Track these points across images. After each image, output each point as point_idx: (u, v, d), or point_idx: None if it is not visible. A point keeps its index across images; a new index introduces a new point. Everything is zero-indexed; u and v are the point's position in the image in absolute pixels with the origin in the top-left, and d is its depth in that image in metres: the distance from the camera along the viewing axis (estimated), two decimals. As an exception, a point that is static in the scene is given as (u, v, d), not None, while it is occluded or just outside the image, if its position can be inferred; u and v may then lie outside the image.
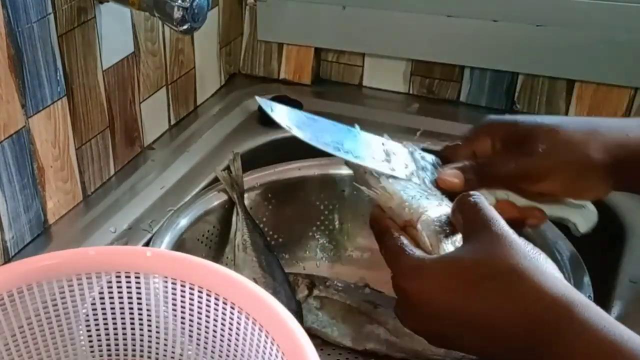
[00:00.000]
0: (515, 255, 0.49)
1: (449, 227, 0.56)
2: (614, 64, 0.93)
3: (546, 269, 0.49)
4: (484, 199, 0.54)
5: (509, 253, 0.49)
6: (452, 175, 0.62)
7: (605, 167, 0.60)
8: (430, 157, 0.66)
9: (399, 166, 0.63)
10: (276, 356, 0.49)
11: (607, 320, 0.46)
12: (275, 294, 0.74)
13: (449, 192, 0.61)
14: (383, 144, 0.66)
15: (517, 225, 0.62)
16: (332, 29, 1.04)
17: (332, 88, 1.09)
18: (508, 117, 0.66)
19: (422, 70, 1.04)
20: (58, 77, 0.73)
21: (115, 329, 0.58)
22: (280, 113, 0.65)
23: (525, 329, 0.47)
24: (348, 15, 1.02)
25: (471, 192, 0.54)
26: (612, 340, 0.44)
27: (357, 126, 0.67)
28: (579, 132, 0.61)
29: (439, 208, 0.57)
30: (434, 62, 1.02)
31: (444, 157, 0.66)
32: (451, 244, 0.55)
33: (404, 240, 0.55)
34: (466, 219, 0.53)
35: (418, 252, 0.53)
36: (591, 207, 0.67)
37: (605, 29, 0.91)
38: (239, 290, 0.52)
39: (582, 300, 0.47)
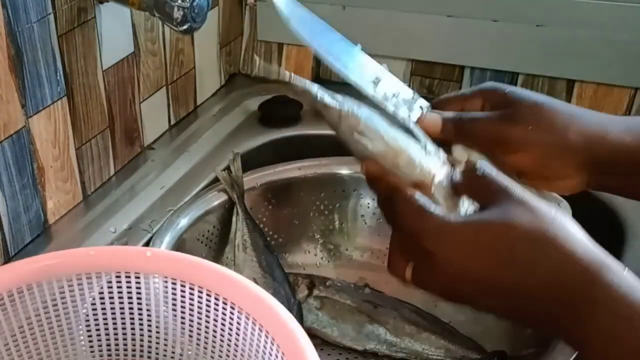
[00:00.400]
0: (544, 221, 0.48)
1: (457, 191, 0.54)
2: (614, 64, 0.93)
3: (575, 233, 0.48)
4: (490, 167, 0.52)
5: (538, 219, 0.48)
6: (431, 119, 0.62)
7: (580, 154, 0.60)
8: (422, 101, 0.65)
9: (382, 92, 0.61)
10: (276, 356, 0.49)
11: (634, 284, 0.45)
12: (275, 294, 0.74)
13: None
14: (378, 72, 0.64)
15: None
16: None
17: (332, 88, 1.08)
18: (505, 85, 0.65)
19: (422, 70, 1.04)
20: (58, 77, 0.73)
21: (115, 329, 0.58)
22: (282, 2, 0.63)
23: (555, 294, 0.46)
24: (348, 15, 1.02)
25: (476, 165, 0.53)
26: (638, 305, 0.44)
27: (359, 45, 0.65)
28: (563, 114, 0.61)
29: (444, 169, 0.55)
30: (434, 62, 1.02)
31: (434, 105, 0.66)
32: (467, 207, 0.53)
33: (423, 198, 0.52)
34: (479, 191, 0.52)
35: (440, 211, 0.51)
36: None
37: (605, 29, 0.91)
38: (239, 290, 0.52)
39: (611, 265, 0.46)
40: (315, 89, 0.61)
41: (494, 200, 0.50)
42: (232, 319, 0.53)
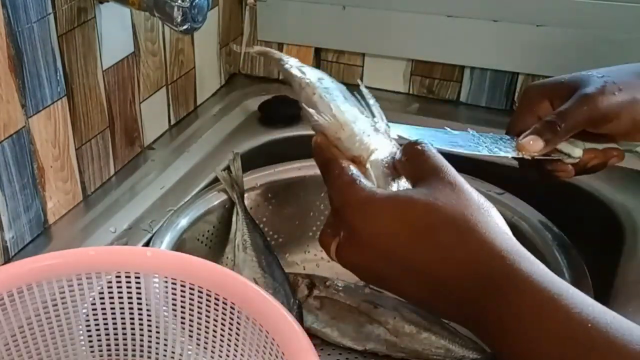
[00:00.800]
0: (469, 206, 0.47)
1: (396, 170, 0.54)
2: (614, 64, 0.92)
3: (497, 223, 0.48)
4: (432, 147, 0.52)
5: (463, 203, 0.48)
6: (531, 139, 0.63)
7: None
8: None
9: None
10: (276, 356, 0.49)
11: (550, 277, 0.45)
12: (275, 294, 0.74)
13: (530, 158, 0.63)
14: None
15: (599, 166, 0.67)
16: (332, 29, 1.04)
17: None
18: (549, 79, 0.68)
19: (422, 70, 1.04)
20: (58, 77, 0.73)
21: (115, 329, 0.58)
22: None
23: (470, 281, 0.46)
24: (348, 15, 1.02)
25: (418, 140, 0.52)
26: (553, 295, 0.43)
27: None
28: (627, 73, 0.65)
29: (388, 148, 0.55)
30: (434, 62, 1.02)
31: (514, 133, 0.67)
32: (397, 187, 0.53)
33: (355, 171, 0.52)
34: (415, 166, 0.51)
35: (369, 185, 0.51)
36: None
37: (605, 29, 0.91)
38: (239, 290, 0.52)
39: (529, 258, 0.46)
40: (288, 59, 0.63)
41: (425, 178, 0.50)
42: (232, 319, 0.53)
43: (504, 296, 0.44)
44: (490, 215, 0.48)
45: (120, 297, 0.56)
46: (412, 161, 0.52)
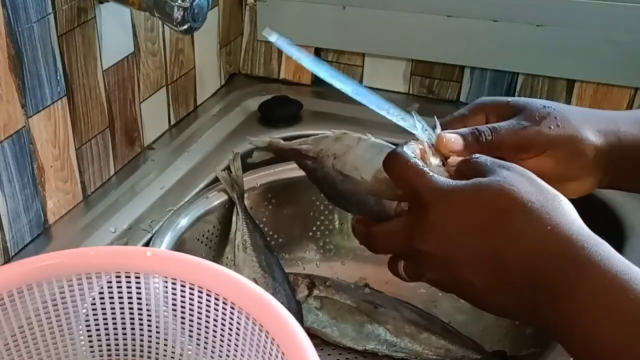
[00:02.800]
0: (541, 192, 0.48)
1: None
2: (614, 64, 0.93)
3: (569, 211, 0.48)
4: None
5: (535, 189, 0.48)
6: (452, 137, 0.61)
7: (598, 152, 0.60)
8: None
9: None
10: (276, 356, 0.49)
11: (619, 262, 0.45)
12: (275, 294, 0.74)
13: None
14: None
15: None
16: (332, 29, 1.04)
17: (332, 88, 1.08)
18: (501, 97, 0.66)
19: (422, 70, 1.04)
20: (58, 77, 0.73)
21: (115, 329, 0.58)
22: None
23: (539, 265, 0.46)
24: (348, 15, 1.02)
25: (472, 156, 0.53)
26: (621, 280, 0.44)
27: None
28: (575, 113, 0.62)
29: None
30: (434, 62, 1.03)
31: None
32: None
33: (421, 163, 0.53)
34: (476, 168, 0.52)
35: (441, 177, 0.51)
36: None
37: (605, 29, 0.91)
38: (239, 290, 0.52)
39: (599, 243, 0.46)
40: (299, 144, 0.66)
41: (494, 171, 0.50)
42: (232, 319, 0.53)
43: (572, 281, 0.45)
44: (561, 202, 0.49)
45: (120, 297, 0.56)
46: (473, 167, 0.53)
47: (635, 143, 0.61)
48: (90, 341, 0.58)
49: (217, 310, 0.54)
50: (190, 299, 0.55)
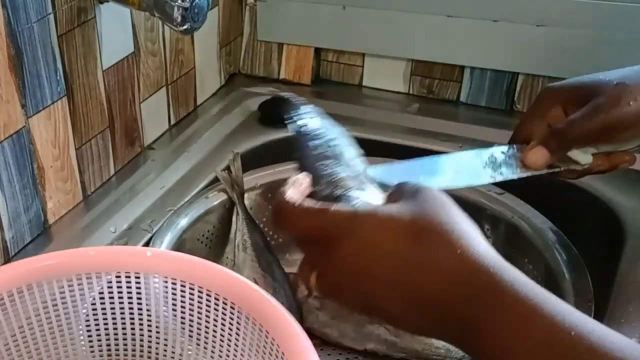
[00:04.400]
0: (453, 217, 0.47)
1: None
2: (613, 63, 0.92)
3: (480, 237, 0.47)
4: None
5: (448, 213, 0.47)
6: (536, 153, 0.62)
7: None
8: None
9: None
10: (276, 356, 0.49)
11: (532, 287, 0.45)
12: (275, 294, 0.74)
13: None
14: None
15: (608, 170, 0.65)
16: (332, 29, 1.04)
17: (332, 88, 1.09)
18: (567, 81, 0.66)
19: (422, 70, 1.04)
20: (58, 77, 0.73)
21: (115, 329, 0.58)
22: None
23: (453, 291, 0.45)
24: (348, 15, 1.02)
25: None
26: (535, 304, 0.43)
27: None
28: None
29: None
30: (434, 62, 1.03)
31: (520, 139, 0.66)
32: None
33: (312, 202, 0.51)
34: (395, 192, 0.51)
35: (345, 206, 0.50)
36: None
37: (605, 29, 0.91)
38: (239, 290, 0.52)
39: (510, 269, 0.46)
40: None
41: (410, 193, 0.49)
42: (232, 319, 0.53)
43: (487, 306, 0.44)
44: (473, 228, 0.48)
45: (120, 297, 0.56)
46: (392, 192, 0.52)
47: None
48: (90, 341, 0.58)
49: (217, 310, 0.54)
50: (190, 299, 0.55)
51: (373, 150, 0.70)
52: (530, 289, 0.44)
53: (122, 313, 0.57)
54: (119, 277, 0.55)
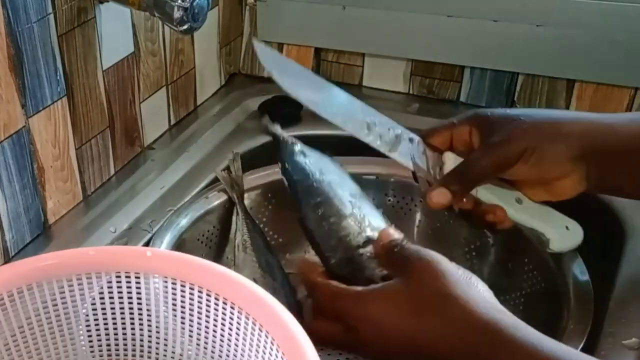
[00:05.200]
0: (447, 284, 0.52)
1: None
2: (614, 64, 0.93)
3: (477, 293, 0.52)
4: (403, 241, 0.58)
5: (441, 282, 0.52)
6: (439, 194, 0.65)
7: (575, 143, 0.62)
8: (412, 134, 0.70)
9: (378, 133, 0.67)
10: (276, 356, 0.49)
11: (530, 336, 0.50)
12: (275, 294, 0.73)
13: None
14: (365, 113, 0.69)
15: (479, 223, 0.67)
16: (332, 29, 1.04)
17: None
18: (490, 110, 0.68)
19: (422, 70, 1.04)
20: (58, 77, 0.73)
21: (115, 329, 0.58)
22: (268, 58, 0.68)
23: (462, 352, 0.50)
24: (348, 15, 1.02)
25: (392, 243, 0.58)
26: (533, 352, 0.49)
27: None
28: (549, 114, 0.65)
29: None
30: (434, 62, 1.02)
31: (424, 136, 0.70)
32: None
33: (335, 283, 0.58)
34: (392, 261, 0.57)
35: (353, 288, 0.57)
36: (576, 230, 0.69)
37: (605, 29, 0.91)
38: (239, 290, 0.52)
39: (511, 321, 0.51)
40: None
41: (403, 269, 0.55)
42: (232, 319, 0.53)
43: (491, 354, 0.49)
44: (470, 285, 0.53)
45: (120, 297, 0.56)
46: (391, 259, 0.58)
47: (618, 137, 0.63)
48: (90, 341, 0.58)
49: (217, 310, 0.54)
50: (190, 299, 0.54)
51: (373, 150, 0.70)
52: (529, 338, 0.49)
53: (122, 313, 0.57)
54: (119, 277, 0.55)
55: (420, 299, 0.53)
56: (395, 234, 0.60)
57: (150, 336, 0.58)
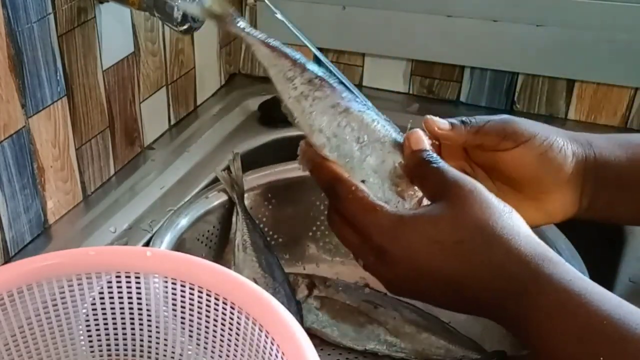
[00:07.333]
0: (492, 214, 0.50)
1: (402, 180, 0.55)
2: (614, 64, 0.93)
3: (520, 225, 0.50)
4: (444, 163, 0.53)
5: (486, 212, 0.50)
6: (440, 119, 0.61)
7: (574, 159, 0.60)
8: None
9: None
10: (276, 356, 0.49)
11: (571, 277, 0.48)
12: (275, 294, 0.74)
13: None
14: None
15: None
16: (332, 29, 1.04)
17: (332, 88, 1.08)
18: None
19: (422, 70, 1.04)
20: (58, 77, 0.73)
21: (115, 329, 0.58)
22: None
23: (497, 285, 0.49)
24: (348, 15, 1.02)
25: (426, 156, 0.54)
26: (572, 295, 0.47)
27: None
28: (549, 126, 0.62)
29: (384, 158, 0.55)
30: (434, 62, 1.02)
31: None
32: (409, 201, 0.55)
33: (371, 195, 0.53)
34: (433, 184, 0.53)
35: (391, 208, 0.52)
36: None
37: (605, 29, 0.91)
38: (239, 290, 0.52)
39: (551, 258, 0.49)
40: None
41: (445, 194, 0.51)
42: (232, 319, 0.53)
43: (527, 298, 0.48)
44: (512, 219, 0.50)
45: (120, 297, 0.56)
46: (425, 178, 0.54)
47: (612, 160, 0.61)
48: (90, 341, 0.58)
49: (217, 310, 0.54)
50: (190, 299, 0.54)
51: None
52: (569, 279, 0.48)
53: (122, 313, 0.57)
54: (119, 277, 0.55)
55: (462, 229, 0.49)
56: (426, 140, 0.55)
57: (150, 336, 0.58)
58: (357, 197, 0.52)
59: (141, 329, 0.58)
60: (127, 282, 0.56)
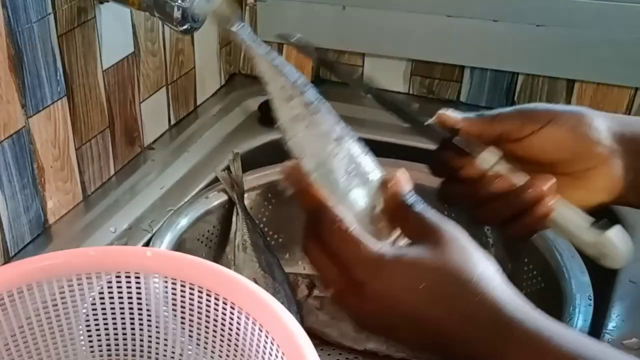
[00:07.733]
0: (472, 261, 0.50)
1: (382, 217, 0.54)
2: (614, 64, 0.93)
3: (495, 276, 0.50)
4: (426, 207, 0.53)
5: (466, 259, 0.50)
6: (451, 111, 0.60)
7: (609, 129, 0.58)
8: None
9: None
10: (276, 356, 0.49)
11: (541, 323, 0.48)
12: (275, 294, 0.74)
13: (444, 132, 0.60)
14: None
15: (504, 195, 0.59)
16: (332, 29, 1.04)
17: (332, 88, 1.08)
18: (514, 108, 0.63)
19: (422, 70, 1.04)
20: (58, 77, 0.73)
21: (115, 329, 0.58)
22: None
23: (473, 331, 0.49)
24: (348, 15, 1.02)
25: (408, 200, 0.53)
26: (543, 339, 0.47)
27: None
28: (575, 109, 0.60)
29: (365, 197, 0.54)
30: (434, 62, 1.03)
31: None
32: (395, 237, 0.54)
33: (357, 228, 0.51)
34: (415, 226, 0.53)
35: (376, 245, 0.51)
36: (616, 232, 0.61)
37: (605, 29, 0.91)
38: (239, 290, 0.52)
39: (523, 307, 0.49)
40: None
41: (426, 237, 0.51)
42: (232, 319, 0.53)
43: (501, 344, 0.48)
44: (490, 269, 0.51)
45: (120, 297, 0.56)
46: (407, 221, 0.53)
47: None
48: (90, 341, 0.58)
49: (217, 310, 0.54)
50: (190, 299, 0.54)
51: (373, 150, 0.70)
52: (540, 325, 0.48)
53: (122, 313, 0.57)
54: (119, 277, 0.55)
55: (442, 276, 0.49)
56: (406, 183, 0.53)
57: (150, 336, 0.58)
58: (341, 228, 0.51)
59: (141, 329, 0.58)
60: (127, 282, 0.56)
